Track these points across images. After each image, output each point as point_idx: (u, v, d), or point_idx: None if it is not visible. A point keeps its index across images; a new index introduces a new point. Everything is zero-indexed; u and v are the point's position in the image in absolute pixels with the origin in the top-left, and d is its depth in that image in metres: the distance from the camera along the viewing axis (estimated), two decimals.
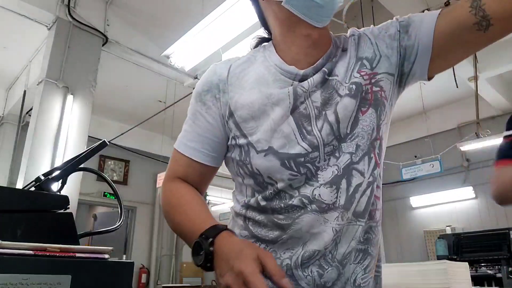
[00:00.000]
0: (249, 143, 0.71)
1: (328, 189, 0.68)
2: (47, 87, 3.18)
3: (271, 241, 0.70)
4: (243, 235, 0.74)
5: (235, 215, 0.79)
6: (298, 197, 0.68)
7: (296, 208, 0.68)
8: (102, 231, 0.81)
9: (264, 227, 0.71)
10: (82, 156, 0.80)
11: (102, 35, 3.69)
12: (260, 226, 0.72)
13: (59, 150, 3.09)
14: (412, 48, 0.72)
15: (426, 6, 3.46)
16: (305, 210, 0.68)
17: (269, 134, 0.70)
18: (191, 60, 3.85)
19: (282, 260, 0.68)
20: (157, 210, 7.52)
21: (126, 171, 7.21)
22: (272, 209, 0.70)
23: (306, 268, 0.67)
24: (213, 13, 3.12)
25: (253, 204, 0.73)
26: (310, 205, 0.68)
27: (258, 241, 0.72)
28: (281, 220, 0.69)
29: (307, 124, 0.70)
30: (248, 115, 0.72)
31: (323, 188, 0.68)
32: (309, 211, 0.68)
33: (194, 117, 0.78)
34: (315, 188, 0.68)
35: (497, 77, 5.03)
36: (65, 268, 0.51)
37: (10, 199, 0.62)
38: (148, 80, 5.03)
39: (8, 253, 0.49)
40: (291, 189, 0.69)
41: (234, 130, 0.73)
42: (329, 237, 0.67)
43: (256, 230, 0.72)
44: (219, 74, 0.76)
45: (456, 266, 1.84)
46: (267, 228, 0.71)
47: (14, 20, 3.61)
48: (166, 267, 7.37)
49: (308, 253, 0.67)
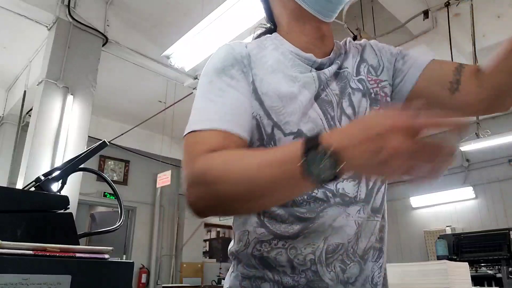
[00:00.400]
0: (276, 124, 0.67)
1: (351, 183, 0.68)
2: (47, 87, 3.18)
3: (291, 237, 0.66)
4: (259, 232, 0.68)
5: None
6: (322, 189, 0.66)
7: (319, 200, 0.66)
8: (102, 231, 0.81)
9: (283, 222, 0.67)
10: (82, 156, 0.80)
11: (102, 35, 3.69)
12: (278, 222, 0.67)
13: (59, 150, 3.09)
14: (401, 73, 0.77)
15: (426, 6, 3.46)
16: (328, 203, 0.66)
17: (299, 116, 0.67)
18: (191, 60, 3.85)
19: (305, 256, 0.65)
20: (157, 210, 7.52)
21: (126, 171, 7.21)
22: (293, 201, 0.66)
23: (330, 264, 0.65)
24: (213, 13, 3.12)
25: None
26: (334, 198, 0.66)
27: (276, 238, 0.67)
28: (303, 213, 0.66)
29: (331, 110, 0.70)
30: (274, 94, 0.68)
31: (346, 182, 0.67)
32: (333, 204, 0.66)
33: (220, 92, 0.67)
34: (339, 181, 0.66)
35: None
36: (65, 268, 0.51)
37: (10, 199, 0.62)
38: (148, 80, 5.03)
39: (8, 253, 0.48)
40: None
41: (257, 109, 0.68)
42: (352, 230, 0.66)
43: (275, 227, 0.67)
44: (239, 51, 0.71)
45: (456, 266, 1.84)
46: (287, 223, 0.66)
47: (14, 20, 3.62)
48: (166, 267, 7.37)
49: (331, 247, 0.65)
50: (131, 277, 0.58)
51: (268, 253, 0.67)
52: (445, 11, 3.42)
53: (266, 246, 0.67)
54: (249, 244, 0.69)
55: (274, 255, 0.66)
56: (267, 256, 0.67)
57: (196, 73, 4.43)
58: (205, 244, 9.11)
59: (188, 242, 7.58)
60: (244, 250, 0.70)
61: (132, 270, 0.60)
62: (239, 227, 0.72)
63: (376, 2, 3.46)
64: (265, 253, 0.67)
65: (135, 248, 7.04)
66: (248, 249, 0.69)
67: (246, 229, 0.70)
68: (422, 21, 3.51)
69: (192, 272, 7.28)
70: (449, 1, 3.38)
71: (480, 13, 3.64)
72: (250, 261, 0.69)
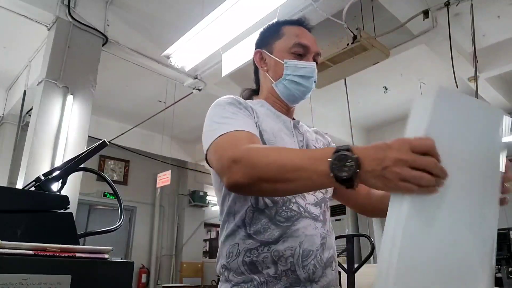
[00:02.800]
0: None
1: (315, 206, 0.90)
2: (47, 87, 3.18)
3: (273, 242, 0.83)
4: (248, 243, 0.84)
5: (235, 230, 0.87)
6: (296, 204, 0.87)
7: (294, 212, 0.86)
8: (102, 231, 0.81)
9: (265, 231, 0.84)
10: (82, 156, 0.80)
11: (102, 35, 3.69)
12: (262, 232, 0.84)
13: (59, 150, 3.09)
14: None
15: (426, 6, 3.46)
16: (301, 215, 0.86)
17: None
18: (191, 60, 3.85)
19: (286, 258, 0.82)
20: (157, 210, 7.52)
21: (126, 171, 7.21)
22: (276, 212, 0.85)
23: (305, 266, 0.82)
24: (213, 13, 3.12)
25: (261, 207, 0.85)
26: (305, 213, 0.87)
27: (262, 245, 0.83)
28: (282, 222, 0.84)
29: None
30: (270, 131, 0.92)
31: (311, 205, 0.90)
32: (304, 216, 0.86)
33: (234, 114, 0.87)
34: (306, 203, 0.89)
35: (497, 77, 5.02)
36: (65, 268, 0.51)
37: (10, 199, 0.62)
38: (148, 80, 5.02)
39: (8, 253, 0.49)
40: (292, 196, 0.87)
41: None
42: (319, 240, 0.86)
43: (259, 236, 0.84)
44: (243, 101, 0.94)
45: None
46: (268, 231, 0.84)
47: (14, 20, 3.61)
48: (166, 267, 7.37)
49: (305, 252, 0.83)
50: (131, 277, 0.59)
51: (257, 258, 0.83)
52: (445, 11, 3.41)
53: (254, 252, 0.83)
54: (239, 254, 0.85)
55: (262, 258, 0.82)
56: (256, 260, 0.82)
57: (196, 73, 4.43)
58: (205, 244, 9.11)
59: (188, 242, 7.58)
60: (235, 260, 0.85)
61: (132, 270, 0.60)
62: (228, 242, 0.88)
63: (376, 2, 3.45)
64: (254, 257, 0.83)
65: (135, 248, 7.04)
66: (239, 257, 0.84)
67: (235, 242, 0.86)
68: (422, 21, 3.50)
69: (192, 272, 7.28)
70: (449, 1, 3.38)
71: (480, 13, 3.64)
72: (239, 268, 0.84)
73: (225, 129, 0.81)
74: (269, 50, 1.03)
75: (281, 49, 1.00)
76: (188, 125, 6.55)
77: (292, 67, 0.98)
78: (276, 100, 1.02)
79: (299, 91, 0.99)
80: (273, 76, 1.01)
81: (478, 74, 4.14)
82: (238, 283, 0.83)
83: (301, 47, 0.98)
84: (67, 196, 0.70)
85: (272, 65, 1.01)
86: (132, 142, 6.64)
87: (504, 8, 3.86)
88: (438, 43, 3.81)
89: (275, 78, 1.00)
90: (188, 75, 4.41)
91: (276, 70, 1.00)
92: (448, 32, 3.40)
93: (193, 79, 4.46)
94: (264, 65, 1.04)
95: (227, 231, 0.89)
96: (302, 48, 0.98)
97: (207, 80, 4.49)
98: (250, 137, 0.81)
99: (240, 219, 0.86)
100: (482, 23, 3.94)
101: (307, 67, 0.98)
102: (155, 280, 7.10)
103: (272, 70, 1.01)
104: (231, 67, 3.50)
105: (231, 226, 0.88)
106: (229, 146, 0.77)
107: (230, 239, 0.87)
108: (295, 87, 0.99)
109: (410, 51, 4.05)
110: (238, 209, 0.87)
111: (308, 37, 1.01)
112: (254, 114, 0.92)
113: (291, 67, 0.98)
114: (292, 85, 0.98)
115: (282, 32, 1.02)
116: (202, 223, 8.04)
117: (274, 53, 1.01)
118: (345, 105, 4.39)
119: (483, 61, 4.50)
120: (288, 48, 0.99)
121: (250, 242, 0.84)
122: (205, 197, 7.93)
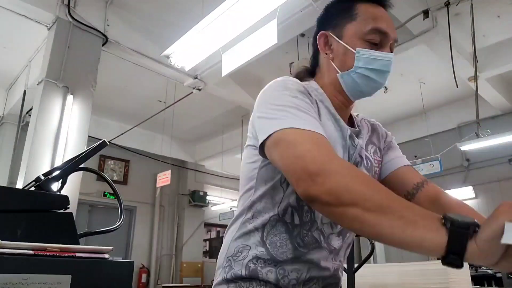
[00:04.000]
0: None
1: (337, 237, 0.83)
2: (47, 87, 3.18)
3: (283, 262, 0.78)
4: (259, 250, 0.79)
5: (251, 231, 0.81)
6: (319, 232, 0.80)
7: (314, 240, 0.79)
8: (102, 231, 0.81)
9: (281, 248, 0.78)
10: (82, 156, 0.80)
11: (102, 35, 3.69)
12: (277, 246, 0.78)
13: (59, 150, 3.09)
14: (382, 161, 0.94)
15: (426, 6, 3.46)
16: (320, 245, 0.80)
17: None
18: (191, 60, 3.85)
19: (290, 280, 0.78)
20: (157, 210, 7.52)
21: (126, 171, 7.21)
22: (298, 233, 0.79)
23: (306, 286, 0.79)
24: (213, 13, 3.12)
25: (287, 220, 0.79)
26: (324, 243, 0.80)
27: (272, 259, 0.78)
28: (300, 246, 0.79)
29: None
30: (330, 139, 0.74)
31: (334, 236, 0.82)
32: (323, 247, 0.80)
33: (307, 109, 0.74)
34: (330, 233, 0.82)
35: (497, 77, 5.03)
36: (65, 268, 0.51)
37: (10, 199, 0.62)
38: (148, 80, 5.03)
39: (8, 253, 0.49)
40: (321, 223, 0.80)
41: None
42: (330, 272, 0.82)
43: (273, 250, 0.78)
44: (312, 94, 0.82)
45: None
46: (284, 249, 0.78)
47: (14, 20, 3.62)
48: (166, 267, 7.37)
49: (310, 277, 0.79)
50: (131, 277, 0.59)
51: (262, 268, 0.78)
52: (445, 11, 3.42)
53: (261, 263, 0.78)
54: (247, 256, 0.80)
55: (266, 271, 0.78)
56: (260, 270, 0.78)
57: (196, 73, 4.43)
58: (205, 244, 9.11)
59: (188, 242, 7.59)
60: (241, 260, 0.80)
61: (132, 270, 0.60)
62: (240, 241, 0.82)
63: None
64: (259, 267, 0.78)
65: (135, 248, 7.04)
66: (245, 260, 0.79)
67: (248, 244, 0.81)
68: (422, 21, 3.51)
69: (192, 272, 7.28)
70: (449, 1, 3.38)
71: (480, 13, 3.64)
72: (241, 270, 0.79)
73: (300, 124, 0.68)
74: (337, 34, 0.85)
75: (354, 34, 0.82)
76: (188, 125, 6.55)
77: (365, 59, 0.81)
78: (337, 93, 0.86)
79: (369, 87, 0.83)
80: (339, 65, 0.84)
81: (478, 74, 4.14)
82: (237, 280, 0.80)
83: (379, 33, 0.82)
84: (67, 196, 0.70)
85: (340, 53, 0.84)
86: (132, 142, 6.64)
87: (504, 8, 3.87)
88: (438, 43, 3.81)
89: (343, 68, 0.84)
90: (188, 75, 4.42)
91: (345, 60, 0.83)
92: (448, 32, 3.40)
93: (193, 79, 4.46)
94: (330, 51, 0.86)
95: (243, 230, 0.82)
96: (380, 35, 0.82)
97: (207, 80, 4.49)
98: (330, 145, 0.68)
99: (261, 223, 0.80)
100: (482, 23, 3.94)
101: (383, 60, 0.81)
102: (155, 280, 7.10)
103: (340, 59, 0.84)
104: (231, 67, 3.51)
105: (249, 226, 0.81)
106: (318, 151, 0.65)
107: (243, 239, 0.82)
108: (365, 82, 0.82)
109: (410, 51, 4.05)
110: (262, 211, 0.81)
111: (388, 21, 0.84)
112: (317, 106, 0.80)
113: (364, 59, 0.81)
114: (362, 80, 0.82)
115: (355, 12, 0.84)
116: (202, 223, 8.04)
117: (344, 39, 0.83)
118: None
119: (483, 61, 4.50)
120: (362, 33, 0.81)
121: (262, 251, 0.79)
122: (205, 197, 7.93)
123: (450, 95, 5.77)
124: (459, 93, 5.42)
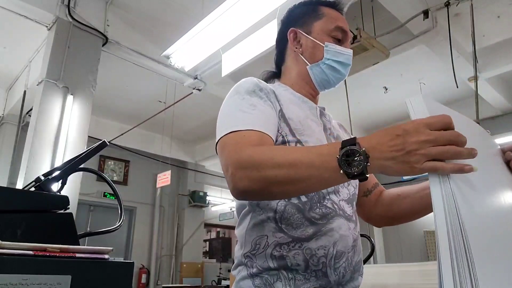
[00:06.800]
0: (299, 141, 0.84)
1: (347, 204, 0.86)
2: (47, 87, 3.18)
3: (306, 239, 0.78)
4: (278, 236, 0.79)
5: (264, 220, 0.82)
6: (330, 201, 0.82)
7: (329, 209, 0.81)
8: (102, 231, 0.81)
9: (298, 227, 0.79)
10: (82, 156, 0.80)
11: (102, 35, 3.69)
12: (294, 228, 0.79)
13: (59, 150, 3.09)
14: None
15: (426, 6, 3.46)
16: (336, 213, 0.82)
17: (315, 141, 0.86)
18: (191, 60, 3.85)
19: (319, 258, 0.77)
20: (157, 210, 7.52)
21: (126, 171, 7.21)
22: (310, 207, 0.80)
23: (336, 269, 0.78)
24: (213, 13, 3.12)
25: (294, 200, 0.80)
26: (339, 211, 0.83)
27: (294, 241, 0.78)
28: (316, 219, 0.80)
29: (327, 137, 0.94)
30: (297, 119, 0.87)
31: (344, 202, 0.85)
32: (339, 215, 0.82)
33: (252, 106, 0.81)
34: (340, 199, 0.84)
35: (497, 77, 5.02)
36: (65, 268, 0.51)
37: (10, 199, 0.62)
38: (148, 80, 5.03)
39: (8, 253, 0.48)
40: (326, 192, 0.83)
41: (284, 128, 0.85)
42: (351, 242, 0.82)
43: (291, 232, 0.79)
44: (265, 86, 0.88)
45: None
46: (302, 228, 0.79)
47: (14, 20, 3.61)
48: (166, 267, 7.37)
49: (338, 253, 0.79)
50: (131, 277, 0.58)
51: (287, 253, 0.77)
52: (445, 11, 3.41)
53: (285, 248, 0.78)
54: (268, 246, 0.79)
55: (293, 255, 0.77)
56: (286, 255, 0.77)
57: (196, 73, 4.43)
58: (205, 244, 9.11)
59: (188, 242, 7.58)
60: (262, 252, 0.80)
61: (132, 270, 0.60)
62: (255, 233, 0.82)
63: (376, 2, 3.45)
64: (285, 252, 0.78)
65: (135, 248, 7.04)
66: (267, 250, 0.79)
67: (264, 234, 0.81)
68: (422, 21, 3.51)
69: (192, 272, 7.28)
70: (449, 1, 3.38)
71: (480, 13, 3.64)
72: (266, 261, 0.79)
73: (236, 126, 0.76)
74: (306, 31, 0.97)
75: (321, 30, 0.95)
76: (188, 125, 6.55)
77: (332, 52, 0.93)
78: (305, 84, 0.97)
79: (335, 77, 0.96)
80: (309, 58, 0.96)
81: (478, 74, 4.14)
82: (263, 272, 0.79)
83: (341, 31, 0.95)
84: (67, 196, 0.70)
85: (310, 47, 0.95)
86: (132, 142, 6.64)
87: (504, 8, 3.87)
88: (438, 43, 3.81)
89: (312, 60, 0.95)
90: (188, 75, 4.41)
91: (314, 52, 0.95)
92: (448, 32, 3.40)
93: (193, 79, 4.46)
94: (299, 46, 0.97)
95: (254, 221, 0.83)
96: (341, 33, 0.95)
97: (207, 80, 4.49)
98: (260, 138, 0.75)
99: (271, 210, 0.81)
100: (482, 23, 3.94)
101: (346, 54, 0.94)
102: (155, 280, 7.10)
103: (309, 52, 0.95)
104: (231, 67, 3.51)
105: (259, 216, 0.82)
106: (234, 149, 0.72)
107: (257, 230, 0.82)
108: (332, 73, 0.95)
109: (410, 51, 4.05)
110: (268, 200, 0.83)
111: (345, 23, 0.97)
112: (277, 101, 0.87)
113: (331, 52, 0.93)
114: (329, 71, 0.94)
115: (321, 13, 0.97)
116: (202, 223, 8.04)
117: (313, 34, 0.95)
118: (345, 105, 4.39)
119: (483, 61, 4.50)
120: (328, 30, 0.94)
121: (281, 236, 0.79)
122: (205, 197, 7.93)
123: (450, 95, 5.76)
124: (459, 93, 5.41)
